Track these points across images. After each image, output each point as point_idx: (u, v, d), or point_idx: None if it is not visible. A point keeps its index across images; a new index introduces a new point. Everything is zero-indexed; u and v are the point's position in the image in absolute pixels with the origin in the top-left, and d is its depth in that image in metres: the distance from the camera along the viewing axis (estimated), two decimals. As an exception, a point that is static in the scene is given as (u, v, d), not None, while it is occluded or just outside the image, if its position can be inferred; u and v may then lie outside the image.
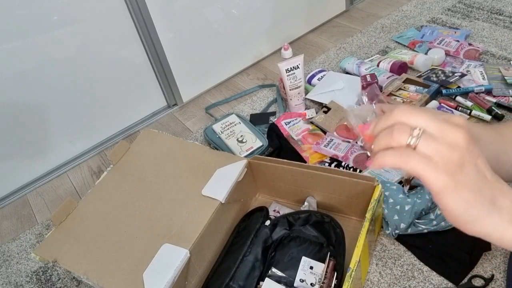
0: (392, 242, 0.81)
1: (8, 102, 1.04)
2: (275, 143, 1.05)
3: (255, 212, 0.89)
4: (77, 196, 1.13)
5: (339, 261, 0.72)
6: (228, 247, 0.83)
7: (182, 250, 0.71)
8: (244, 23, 1.37)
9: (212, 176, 0.83)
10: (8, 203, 1.15)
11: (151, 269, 0.70)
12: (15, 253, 1.00)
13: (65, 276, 0.91)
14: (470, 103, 1.05)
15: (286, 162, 0.84)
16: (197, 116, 1.31)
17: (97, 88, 1.17)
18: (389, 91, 1.10)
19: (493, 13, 1.40)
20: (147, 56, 1.22)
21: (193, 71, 1.33)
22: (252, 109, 1.25)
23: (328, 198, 0.85)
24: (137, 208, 0.82)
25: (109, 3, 1.08)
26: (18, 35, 0.98)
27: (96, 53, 1.12)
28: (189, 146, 0.92)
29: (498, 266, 0.73)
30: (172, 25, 1.21)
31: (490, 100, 1.04)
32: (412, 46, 1.32)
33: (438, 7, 1.51)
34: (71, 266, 0.74)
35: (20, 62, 1.01)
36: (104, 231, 0.79)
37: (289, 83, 1.11)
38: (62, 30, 1.04)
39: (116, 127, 1.28)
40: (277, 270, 0.77)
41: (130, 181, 0.88)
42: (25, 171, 1.17)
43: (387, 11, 1.58)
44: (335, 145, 0.99)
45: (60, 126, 1.16)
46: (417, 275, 0.75)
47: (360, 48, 1.40)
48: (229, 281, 0.76)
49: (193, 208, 0.79)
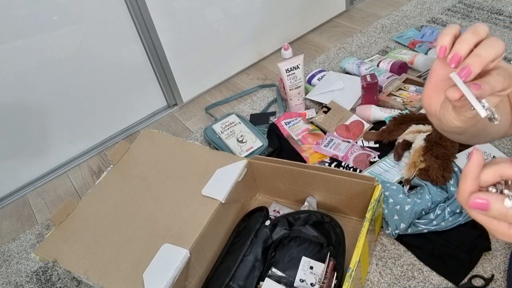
0: (392, 242, 0.81)
1: (8, 102, 1.04)
2: (275, 143, 1.05)
3: (255, 212, 0.89)
4: (77, 196, 1.13)
5: (339, 261, 0.72)
6: (228, 247, 0.83)
7: (182, 250, 0.71)
8: (244, 23, 1.37)
9: (212, 176, 0.83)
10: (8, 203, 1.15)
11: (151, 269, 0.70)
12: (15, 253, 1.00)
13: (65, 276, 0.91)
14: (470, 103, 1.05)
15: (286, 162, 0.84)
16: (197, 116, 1.31)
17: (97, 88, 1.17)
18: (389, 91, 1.10)
19: (493, 13, 1.40)
20: (147, 56, 1.22)
21: (193, 71, 1.33)
22: (252, 109, 1.25)
23: (328, 198, 0.85)
24: (137, 208, 0.82)
25: (109, 3, 1.08)
26: (18, 35, 0.98)
27: (96, 53, 1.12)
28: (189, 146, 0.92)
29: (498, 266, 0.73)
30: (172, 25, 1.21)
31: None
32: (412, 46, 1.32)
33: (438, 7, 1.51)
34: (71, 266, 0.74)
35: (20, 62, 1.01)
36: (104, 231, 0.79)
37: (289, 83, 1.11)
38: (62, 30, 1.04)
39: (116, 127, 1.28)
40: (277, 270, 0.77)
41: (130, 181, 0.88)
42: (25, 171, 1.17)
43: (387, 11, 1.58)
44: (335, 145, 0.99)
45: (60, 126, 1.16)
46: (417, 275, 0.75)
47: (360, 48, 1.40)
48: (229, 281, 0.76)
49: (193, 208, 0.79)
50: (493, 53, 0.33)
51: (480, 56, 0.33)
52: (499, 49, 0.34)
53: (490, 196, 0.31)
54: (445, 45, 0.35)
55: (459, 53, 0.34)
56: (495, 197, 0.31)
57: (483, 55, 0.33)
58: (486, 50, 0.33)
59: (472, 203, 0.32)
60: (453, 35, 0.36)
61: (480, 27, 0.35)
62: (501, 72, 0.34)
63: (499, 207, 0.31)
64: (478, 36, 0.34)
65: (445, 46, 0.35)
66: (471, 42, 0.34)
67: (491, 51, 0.33)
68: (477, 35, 0.34)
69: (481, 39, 0.34)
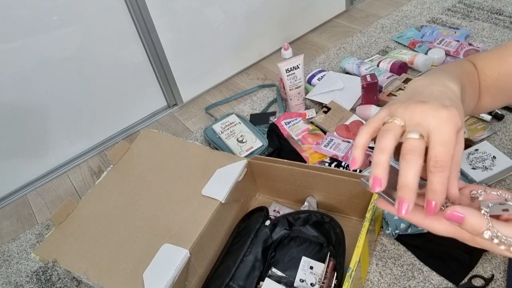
0: (392, 242, 0.81)
1: (8, 102, 1.04)
2: (275, 143, 1.05)
3: (255, 212, 0.89)
4: (77, 196, 1.13)
5: (339, 261, 0.72)
6: (228, 247, 0.83)
7: (182, 250, 0.71)
8: (244, 23, 1.37)
9: (212, 176, 0.83)
10: (8, 203, 1.15)
11: (151, 269, 0.70)
12: (15, 253, 1.00)
13: (65, 276, 0.91)
14: (470, 103, 1.05)
15: (286, 162, 0.84)
16: (197, 116, 1.31)
17: (97, 88, 1.17)
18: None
19: (493, 13, 1.40)
20: (147, 56, 1.22)
21: (193, 71, 1.33)
22: (252, 109, 1.25)
23: (328, 198, 0.85)
24: (137, 208, 0.82)
25: (109, 3, 1.08)
26: (18, 35, 0.98)
27: (96, 53, 1.12)
28: (189, 146, 0.92)
29: (498, 266, 0.73)
30: (172, 25, 1.21)
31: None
32: (412, 46, 1.32)
33: (438, 7, 1.51)
34: (71, 266, 0.74)
35: (20, 62, 1.01)
36: (104, 231, 0.79)
37: (289, 83, 1.11)
38: (62, 30, 1.04)
39: (116, 127, 1.28)
40: (277, 270, 0.77)
41: (130, 181, 0.88)
42: (25, 171, 1.17)
43: (387, 11, 1.58)
44: (335, 145, 0.99)
45: (60, 126, 1.16)
46: (417, 275, 0.75)
47: (360, 48, 1.40)
48: (229, 281, 0.76)
49: (193, 208, 0.79)
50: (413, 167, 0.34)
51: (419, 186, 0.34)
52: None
53: (466, 211, 0.33)
54: (379, 177, 0.35)
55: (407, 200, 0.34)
56: (471, 211, 0.33)
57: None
58: (410, 175, 0.34)
59: (448, 215, 0.33)
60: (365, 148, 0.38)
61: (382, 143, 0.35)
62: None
63: (475, 222, 0.32)
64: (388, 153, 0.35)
65: (379, 179, 0.35)
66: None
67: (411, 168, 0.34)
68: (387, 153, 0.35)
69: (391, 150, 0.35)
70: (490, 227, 0.32)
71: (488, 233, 0.32)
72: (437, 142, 0.33)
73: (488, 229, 0.32)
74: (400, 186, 0.34)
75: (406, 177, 0.33)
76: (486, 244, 0.33)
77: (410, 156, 0.33)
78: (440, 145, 0.33)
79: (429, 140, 0.34)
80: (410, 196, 0.33)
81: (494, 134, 0.96)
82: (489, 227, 0.32)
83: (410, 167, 0.33)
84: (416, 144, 0.34)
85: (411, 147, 0.34)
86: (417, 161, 0.33)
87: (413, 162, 0.33)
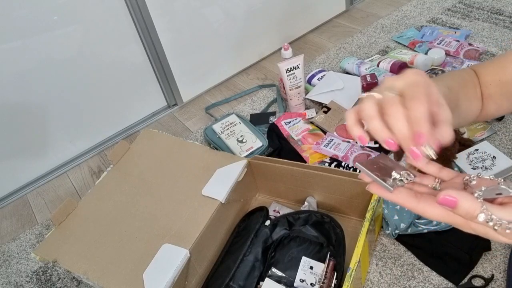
0: (392, 242, 0.81)
1: (8, 102, 1.04)
2: (275, 143, 1.05)
3: (255, 212, 0.89)
4: (77, 196, 1.13)
5: (339, 261, 0.72)
6: (228, 247, 0.83)
7: (182, 250, 0.71)
8: (244, 23, 1.37)
9: (212, 176, 0.83)
10: (8, 203, 1.15)
11: (151, 269, 0.70)
12: (15, 253, 1.00)
13: (65, 276, 0.91)
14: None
15: (286, 162, 0.84)
16: (197, 116, 1.31)
17: (97, 88, 1.17)
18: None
19: (493, 13, 1.40)
20: (147, 56, 1.22)
21: (193, 71, 1.33)
22: (252, 109, 1.25)
23: (328, 198, 0.85)
24: (137, 208, 0.82)
25: (109, 3, 1.08)
26: (18, 35, 0.98)
27: (96, 53, 1.12)
28: (189, 146, 0.92)
29: (498, 266, 0.73)
30: (172, 25, 1.21)
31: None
32: (412, 46, 1.32)
33: (438, 7, 1.51)
34: (71, 266, 0.74)
35: (20, 62, 1.01)
36: (104, 231, 0.79)
37: (289, 83, 1.11)
38: (62, 30, 1.04)
39: (116, 127, 1.28)
40: (277, 270, 0.77)
41: (130, 181, 0.88)
42: (25, 171, 1.17)
43: (387, 11, 1.58)
44: (335, 145, 0.99)
45: (60, 126, 1.16)
46: (417, 275, 0.75)
47: (360, 48, 1.40)
48: (229, 281, 0.76)
49: (193, 208, 0.79)
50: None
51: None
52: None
53: (459, 195, 0.33)
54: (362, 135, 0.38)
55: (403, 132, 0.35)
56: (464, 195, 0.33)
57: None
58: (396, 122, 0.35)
59: (441, 199, 0.33)
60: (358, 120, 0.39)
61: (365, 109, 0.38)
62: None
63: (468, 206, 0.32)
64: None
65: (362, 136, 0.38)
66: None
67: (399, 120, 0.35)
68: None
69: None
70: (484, 209, 0.31)
71: (482, 216, 0.31)
72: (407, 84, 0.36)
73: (482, 212, 0.31)
74: (400, 139, 0.35)
75: (399, 129, 0.35)
76: (481, 229, 0.33)
77: (391, 108, 0.35)
78: (409, 86, 0.36)
79: (403, 93, 0.36)
80: (409, 143, 0.35)
81: (494, 134, 0.96)
82: (483, 209, 0.31)
83: (396, 119, 0.35)
84: (392, 96, 0.36)
85: (388, 100, 0.36)
86: (398, 109, 0.35)
87: (396, 113, 0.35)
